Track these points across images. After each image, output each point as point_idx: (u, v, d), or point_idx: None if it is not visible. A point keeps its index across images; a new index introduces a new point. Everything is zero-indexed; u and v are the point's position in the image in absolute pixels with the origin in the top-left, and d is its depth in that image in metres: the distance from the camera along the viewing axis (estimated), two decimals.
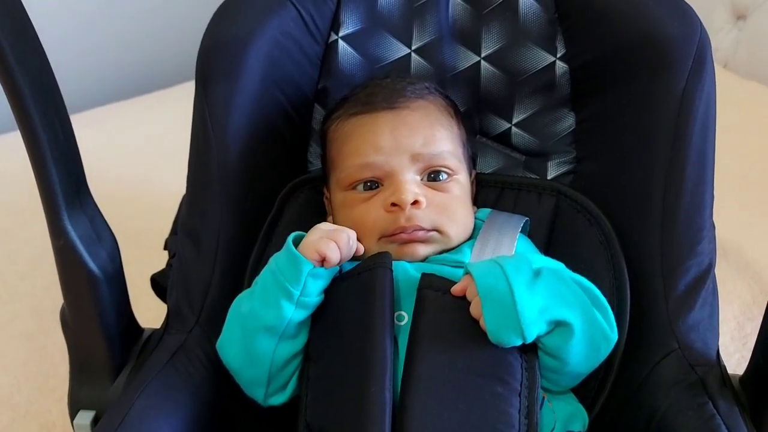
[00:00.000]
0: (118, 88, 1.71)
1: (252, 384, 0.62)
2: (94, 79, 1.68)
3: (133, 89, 1.67)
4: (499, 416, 0.53)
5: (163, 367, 0.62)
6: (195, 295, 0.67)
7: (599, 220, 0.70)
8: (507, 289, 0.54)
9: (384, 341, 0.56)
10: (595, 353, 0.59)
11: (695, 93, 0.65)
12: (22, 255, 1.14)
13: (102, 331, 0.62)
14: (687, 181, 0.65)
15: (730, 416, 0.56)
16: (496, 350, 0.56)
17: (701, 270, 0.64)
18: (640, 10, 0.68)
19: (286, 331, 0.59)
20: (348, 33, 0.77)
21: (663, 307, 0.63)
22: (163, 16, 1.79)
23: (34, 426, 0.89)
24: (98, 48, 1.69)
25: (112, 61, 1.73)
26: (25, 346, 0.99)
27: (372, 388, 0.54)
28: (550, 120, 0.77)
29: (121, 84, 1.73)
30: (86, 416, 0.63)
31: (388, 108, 0.67)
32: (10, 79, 0.51)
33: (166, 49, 1.80)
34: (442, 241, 0.65)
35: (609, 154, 0.72)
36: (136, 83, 1.71)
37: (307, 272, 0.58)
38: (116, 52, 1.74)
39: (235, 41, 0.69)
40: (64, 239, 0.58)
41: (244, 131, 0.70)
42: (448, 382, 0.55)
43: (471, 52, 0.78)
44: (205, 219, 0.69)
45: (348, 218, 0.67)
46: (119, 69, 1.75)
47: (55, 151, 0.55)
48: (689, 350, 0.62)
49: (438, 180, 0.67)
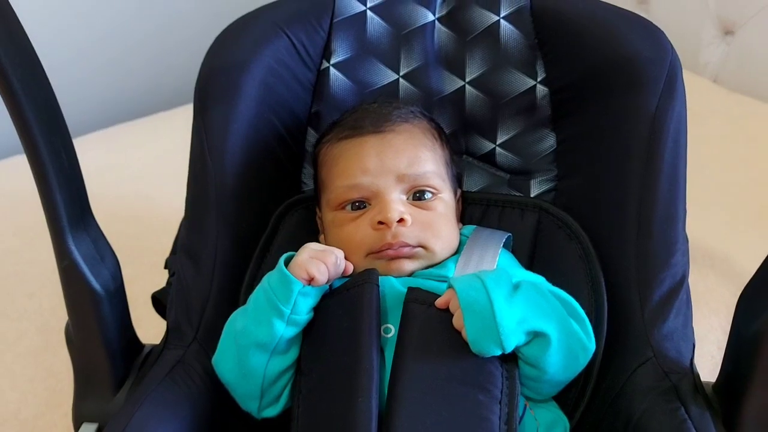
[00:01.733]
0: (121, 110, 1.75)
1: (246, 397, 0.65)
2: (97, 101, 1.72)
3: (135, 111, 1.72)
4: (480, 423, 0.56)
5: (162, 380, 0.65)
6: (193, 311, 0.71)
7: (578, 235, 0.73)
8: (487, 302, 0.57)
9: (371, 353, 0.59)
10: (573, 362, 0.62)
11: (667, 112, 0.68)
12: (29, 275, 1.17)
13: (104, 347, 0.65)
14: (660, 196, 0.68)
15: (702, 421, 0.58)
16: (477, 360, 0.59)
17: (675, 282, 0.67)
18: (614, 34, 0.72)
19: (278, 347, 0.62)
20: (339, 60, 0.81)
21: (639, 318, 0.66)
22: (165, 40, 1.84)
23: None
24: (101, 71, 1.74)
25: (115, 84, 1.78)
26: (32, 363, 1.02)
27: (359, 398, 0.57)
28: (532, 140, 0.80)
29: (123, 106, 1.78)
30: (90, 428, 0.66)
31: (374, 132, 0.71)
32: (17, 110, 0.55)
33: (167, 73, 1.85)
34: (427, 257, 0.69)
35: (588, 172, 0.75)
36: (138, 105, 1.76)
37: (297, 291, 0.62)
38: (119, 76, 1.78)
39: (231, 68, 0.73)
40: (68, 260, 0.61)
41: (240, 154, 0.73)
42: (432, 391, 0.57)
43: (456, 76, 0.81)
44: (203, 239, 0.72)
45: (338, 237, 0.70)
46: (122, 92, 1.80)
47: (60, 177, 0.59)
48: (664, 358, 0.64)
49: (423, 199, 0.70)
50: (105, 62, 1.74)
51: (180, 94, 1.69)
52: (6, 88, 0.54)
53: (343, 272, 0.66)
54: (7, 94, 0.54)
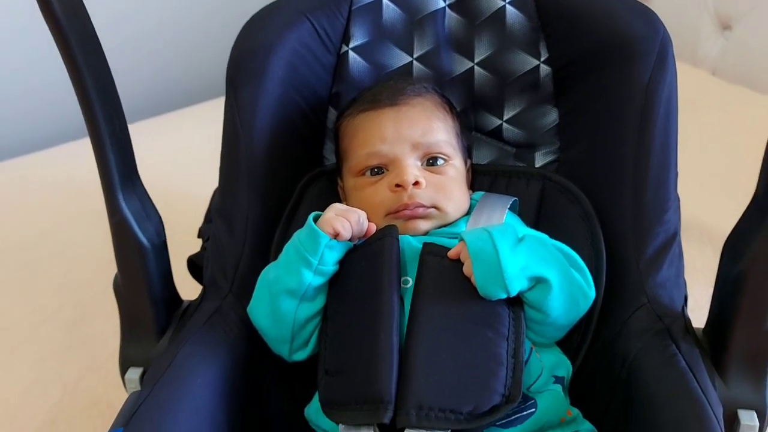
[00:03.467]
0: (143, 107, 1.84)
1: (278, 341, 0.72)
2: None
3: (156, 109, 1.80)
4: (489, 356, 0.62)
5: (201, 326, 0.72)
6: (228, 267, 0.77)
7: (579, 198, 0.79)
8: (493, 251, 0.64)
9: (392, 297, 0.65)
10: (574, 307, 0.69)
11: (659, 83, 0.75)
12: (63, 255, 1.25)
13: (149, 297, 0.72)
14: (653, 160, 0.74)
15: (691, 355, 0.64)
16: (486, 303, 0.65)
17: (668, 236, 0.73)
18: (610, 16, 0.79)
19: (306, 294, 0.68)
20: (357, 44, 0.88)
21: (635, 269, 0.72)
22: (178, 41, 1.92)
23: (82, 401, 0.99)
24: (127, 70, 1.83)
25: (144, 81, 1.86)
26: (69, 333, 1.10)
27: (381, 334, 0.63)
28: (536, 115, 0.86)
29: (145, 104, 1.86)
30: (135, 372, 0.73)
31: (391, 105, 0.78)
32: (80, 81, 0.62)
33: (185, 72, 1.93)
34: (440, 217, 0.75)
35: (587, 142, 0.82)
36: (160, 103, 1.84)
37: (324, 244, 0.68)
38: (146, 73, 1.87)
39: (260, 50, 0.80)
40: (118, 216, 0.69)
41: (268, 128, 0.80)
42: (446, 329, 0.64)
43: (465, 58, 0.88)
44: (236, 203, 0.79)
45: (359, 200, 0.77)
46: (149, 87, 1.88)
47: (113, 140, 0.66)
48: (657, 304, 0.70)
49: (435, 164, 0.77)
50: (128, 62, 1.83)
51: (200, 92, 1.77)
52: (72, 64, 0.61)
53: (366, 233, 0.73)
54: (72, 69, 0.62)
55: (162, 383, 0.63)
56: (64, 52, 0.61)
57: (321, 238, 0.68)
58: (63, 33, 0.60)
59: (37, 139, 1.63)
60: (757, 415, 0.65)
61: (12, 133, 1.68)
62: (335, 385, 0.64)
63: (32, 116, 1.70)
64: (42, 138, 1.60)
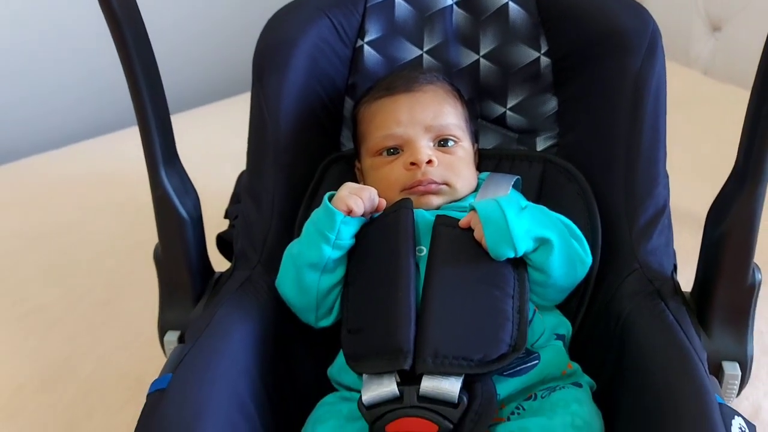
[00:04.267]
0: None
1: (304, 311, 0.79)
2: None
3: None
4: (497, 311, 0.70)
5: (234, 291, 0.79)
6: (257, 241, 0.84)
7: (577, 177, 0.87)
8: (501, 215, 0.71)
9: (408, 260, 0.72)
10: (572, 271, 0.76)
11: (649, 71, 0.82)
12: (92, 241, 1.33)
13: (186, 265, 0.79)
14: (644, 141, 0.81)
15: (679, 312, 0.71)
16: (494, 266, 0.72)
17: (658, 208, 0.80)
18: (605, 11, 0.86)
19: (327, 267, 0.75)
20: (372, 39, 0.96)
21: (627, 238, 0.80)
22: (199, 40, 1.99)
23: (112, 374, 1.05)
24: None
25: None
26: (102, 311, 1.16)
27: (400, 293, 0.70)
28: (537, 104, 0.94)
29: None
30: (173, 334, 0.80)
31: (405, 91, 0.85)
32: (131, 72, 0.70)
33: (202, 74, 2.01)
34: (450, 193, 0.82)
35: (584, 127, 0.89)
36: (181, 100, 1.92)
37: (340, 221, 0.75)
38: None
39: (284, 43, 0.88)
40: (161, 190, 0.76)
41: (292, 114, 0.87)
42: (458, 289, 0.71)
43: (471, 51, 0.95)
44: (263, 183, 0.86)
45: (376, 177, 0.84)
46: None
47: (157, 123, 0.74)
48: (648, 269, 0.78)
49: (446, 145, 0.84)
50: None
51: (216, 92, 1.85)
52: (126, 57, 0.69)
53: (377, 208, 0.79)
54: (126, 61, 0.70)
55: (203, 338, 0.70)
56: (120, 46, 0.68)
57: (336, 216, 0.75)
58: (120, 28, 0.67)
59: (61, 136, 1.71)
60: (739, 365, 0.73)
61: (37, 131, 1.76)
62: (358, 340, 0.71)
63: (55, 115, 1.78)
64: (65, 135, 1.68)
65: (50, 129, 1.76)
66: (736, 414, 0.59)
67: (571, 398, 0.68)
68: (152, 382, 0.66)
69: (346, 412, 0.72)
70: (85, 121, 1.77)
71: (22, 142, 1.71)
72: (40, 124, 1.76)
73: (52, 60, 1.75)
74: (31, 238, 1.36)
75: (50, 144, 1.67)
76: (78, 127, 1.75)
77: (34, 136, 1.74)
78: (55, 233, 1.36)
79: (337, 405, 0.74)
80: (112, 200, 1.44)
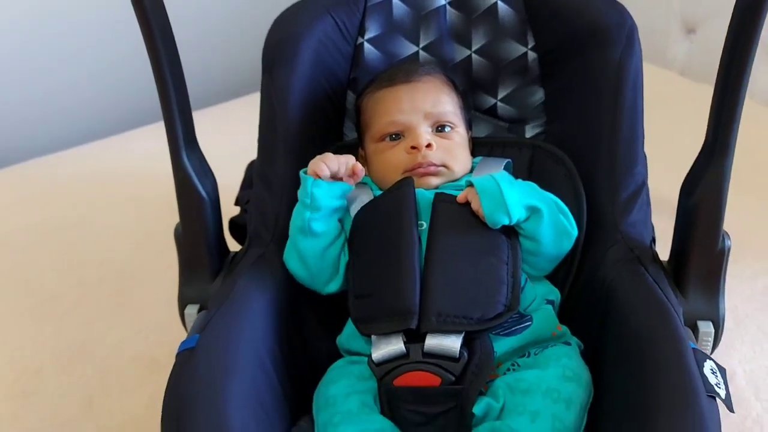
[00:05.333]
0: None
1: (307, 278, 0.85)
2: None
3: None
4: (493, 276, 0.77)
5: (250, 266, 0.85)
6: (269, 221, 0.90)
7: (564, 160, 0.94)
8: (496, 186, 0.78)
9: (412, 230, 0.79)
10: (560, 240, 0.83)
11: (627, 61, 0.90)
12: (102, 235, 1.39)
13: (205, 243, 0.85)
14: (624, 124, 0.88)
15: (657, 274, 0.78)
16: (489, 235, 0.79)
17: (637, 185, 0.87)
18: (587, 8, 0.94)
19: (311, 230, 0.82)
20: (371, 36, 1.03)
21: (610, 214, 0.87)
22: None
23: (127, 357, 1.11)
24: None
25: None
26: (113, 301, 1.22)
27: (405, 260, 0.77)
28: (525, 95, 1.01)
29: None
30: (193, 308, 0.86)
31: (405, 82, 0.92)
32: (158, 62, 0.77)
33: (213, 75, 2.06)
34: (448, 174, 0.89)
35: (570, 114, 0.96)
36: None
37: (310, 184, 0.82)
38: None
39: (291, 38, 0.94)
40: (182, 172, 0.82)
41: (300, 104, 0.94)
42: (457, 256, 0.78)
43: (464, 47, 1.03)
44: (274, 167, 0.92)
45: (380, 161, 0.91)
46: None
47: (179, 109, 0.80)
48: (629, 239, 0.85)
49: (443, 131, 0.91)
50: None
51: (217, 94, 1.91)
52: (153, 50, 0.76)
53: (355, 173, 0.85)
54: (153, 54, 0.76)
55: (226, 305, 0.76)
56: (148, 38, 0.75)
57: (306, 181, 0.83)
58: (149, 25, 0.74)
59: (69, 136, 1.77)
60: (712, 324, 0.80)
61: (45, 132, 1.82)
62: (365, 305, 0.78)
63: (61, 116, 1.84)
64: (74, 135, 1.74)
65: (59, 130, 1.82)
66: (708, 358, 0.66)
67: (562, 354, 0.75)
68: (180, 343, 0.72)
69: (357, 372, 0.78)
70: (92, 123, 1.83)
71: (34, 142, 1.77)
72: (51, 125, 1.83)
73: (64, 66, 1.81)
74: (44, 232, 1.42)
75: (61, 144, 1.73)
76: (86, 128, 1.81)
77: (45, 136, 1.80)
78: (66, 227, 1.42)
79: (348, 367, 0.80)
80: (120, 197, 1.50)
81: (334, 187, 0.84)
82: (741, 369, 1.02)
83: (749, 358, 1.03)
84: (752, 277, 1.20)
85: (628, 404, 0.66)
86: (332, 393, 0.76)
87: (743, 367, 1.02)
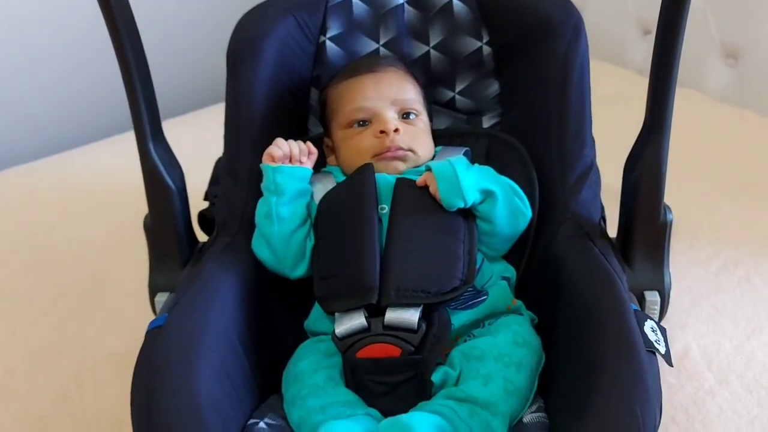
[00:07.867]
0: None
1: (275, 262, 0.87)
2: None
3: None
4: (450, 253, 0.81)
5: (219, 253, 0.88)
6: (236, 211, 0.93)
7: (518, 148, 0.99)
8: (452, 171, 0.83)
9: (372, 213, 0.83)
10: (515, 221, 0.87)
11: (573, 53, 0.95)
12: (74, 241, 1.40)
13: (174, 232, 0.88)
14: (572, 110, 0.94)
15: (604, 248, 0.83)
16: (447, 217, 0.83)
17: (586, 166, 0.92)
18: (536, 4, 0.99)
19: (278, 216, 0.85)
20: (333, 35, 1.07)
21: (561, 194, 0.92)
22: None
23: (101, 355, 1.12)
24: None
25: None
26: (85, 302, 1.23)
27: (366, 240, 0.81)
28: (481, 87, 1.06)
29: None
30: (163, 296, 0.89)
31: (369, 71, 0.96)
32: (122, 51, 0.80)
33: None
34: (414, 159, 0.93)
35: (523, 104, 1.01)
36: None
37: (269, 170, 0.86)
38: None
39: (254, 39, 0.98)
40: (150, 162, 0.85)
41: (264, 100, 0.97)
42: (416, 236, 0.82)
43: (422, 43, 1.07)
44: (239, 160, 0.95)
45: (349, 147, 0.94)
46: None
47: (145, 100, 0.84)
48: (579, 217, 0.89)
49: (409, 118, 0.95)
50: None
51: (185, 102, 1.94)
52: (119, 47, 0.80)
53: (309, 151, 0.91)
54: (119, 49, 0.80)
55: (194, 287, 0.79)
56: (114, 37, 0.79)
57: (267, 170, 0.87)
58: (114, 21, 0.78)
59: (39, 147, 1.79)
60: (659, 294, 0.85)
61: (14, 142, 1.83)
62: (330, 284, 0.81)
63: (29, 126, 1.86)
64: (45, 145, 1.75)
65: (24, 141, 1.84)
66: (648, 318, 0.71)
67: (513, 322, 0.80)
68: (149, 322, 0.75)
69: (323, 349, 0.82)
70: (61, 133, 1.85)
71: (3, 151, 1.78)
72: (16, 137, 1.85)
73: (29, 76, 1.83)
74: (16, 240, 1.42)
75: (25, 157, 1.75)
76: (50, 141, 1.84)
77: (10, 148, 1.82)
78: (37, 235, 1.43)
79: (315, 345, 0.84)
80: (88, 207, 1.52)
81: (295, 171, 0.88)
82: (695, 344, 1.06)
83: (702, 334, 1.08)
84: (707, 260, 1.25)
85: (577, 364, 0.71)
86: (300, 369, 0.80)
87: (697, 342, 1.07)
